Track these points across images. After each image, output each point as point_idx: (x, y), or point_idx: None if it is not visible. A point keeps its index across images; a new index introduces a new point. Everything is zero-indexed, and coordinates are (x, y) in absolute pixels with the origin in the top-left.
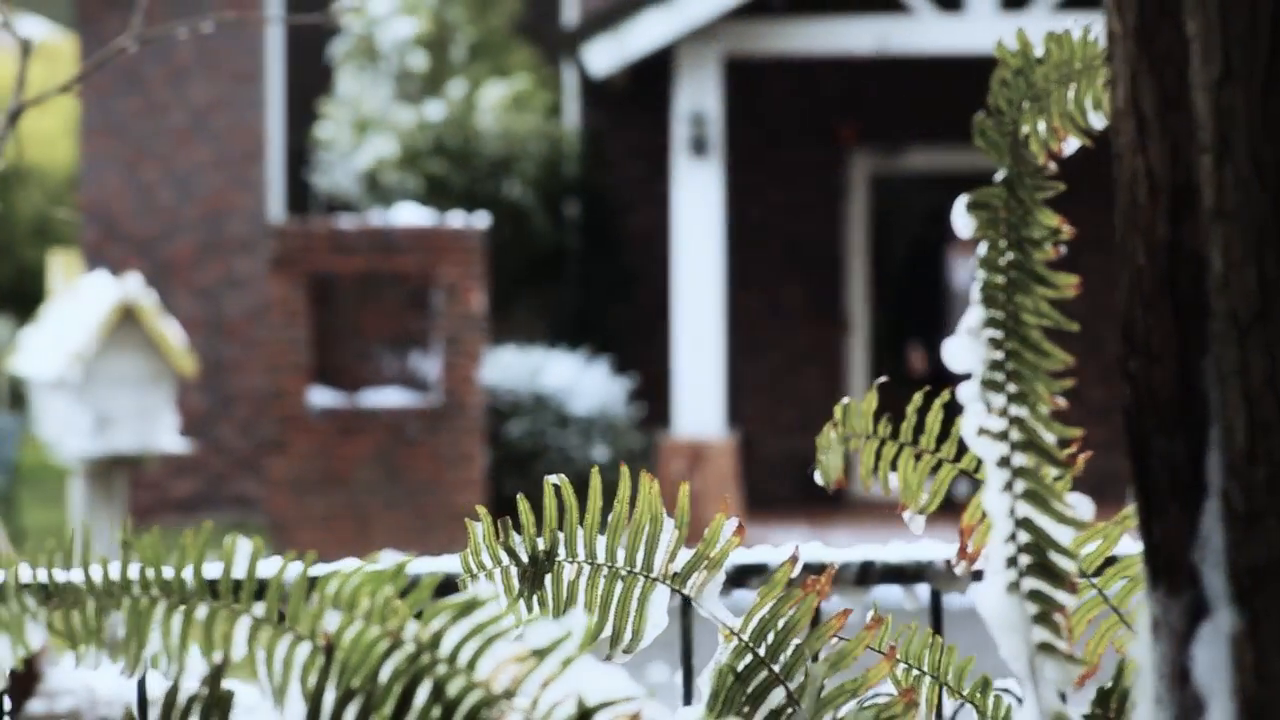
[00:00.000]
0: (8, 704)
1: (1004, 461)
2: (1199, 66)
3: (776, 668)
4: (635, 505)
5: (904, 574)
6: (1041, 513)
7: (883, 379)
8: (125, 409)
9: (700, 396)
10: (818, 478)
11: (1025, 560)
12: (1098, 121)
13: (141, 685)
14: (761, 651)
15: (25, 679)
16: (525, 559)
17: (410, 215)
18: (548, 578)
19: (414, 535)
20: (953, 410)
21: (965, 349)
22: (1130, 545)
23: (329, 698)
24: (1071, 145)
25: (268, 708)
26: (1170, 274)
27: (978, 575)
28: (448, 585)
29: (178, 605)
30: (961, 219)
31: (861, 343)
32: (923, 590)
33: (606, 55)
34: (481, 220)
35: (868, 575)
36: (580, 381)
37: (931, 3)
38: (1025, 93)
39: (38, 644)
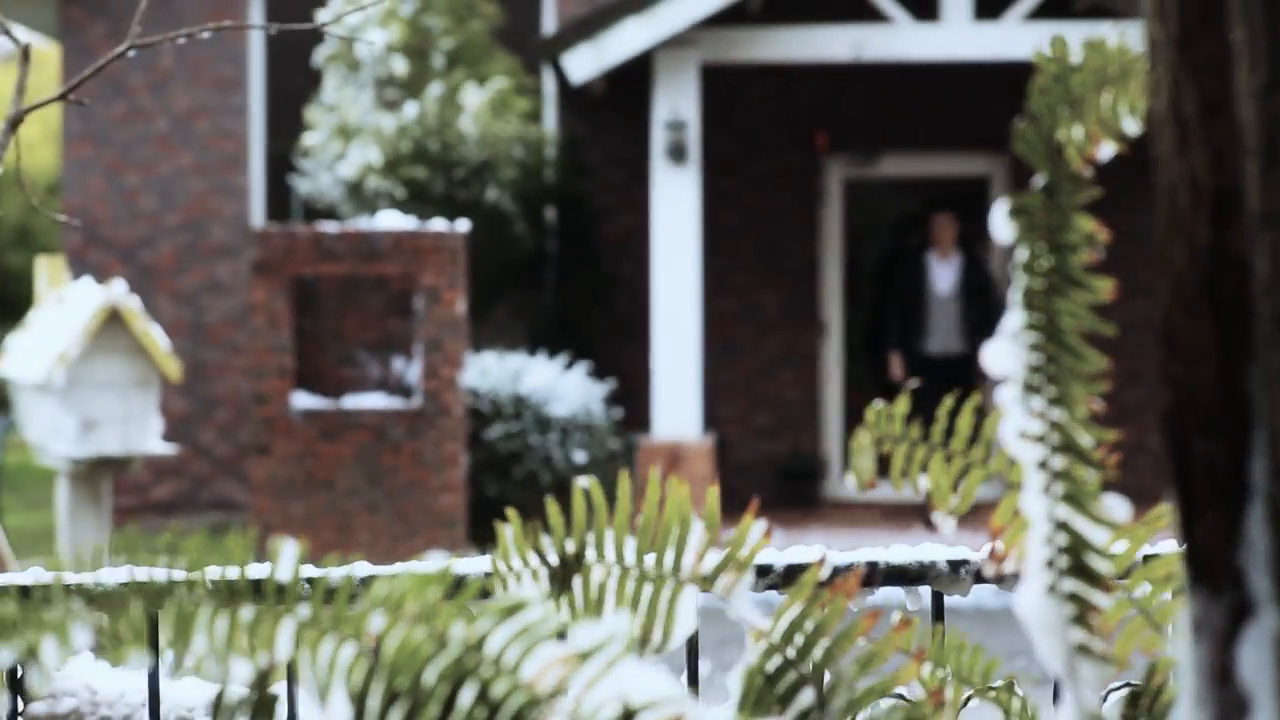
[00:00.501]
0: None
1: (1043, 464)
2: (1245, 73)
3: (806, 669)
4: (663, 508)
5: (907, 575)
6: (1079, 515)
7: (915, 384)
8: (110, 412)
9: (678, 399)
10: (850, 480)
11: (1063, 562)
12: (1132, 127)
13: (154, 685)
14: (791, 653)
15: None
16: (555, 561)
17: (392, 221)
18: (576, 580)
19: (396, 538)
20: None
21: (1006, 353)
22: (1153, 546)
23: (373, 699)
24: (1106, 151)
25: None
26: (1212, 278)
27: (1003, 579)
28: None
29: (224, 607)
30: (1001, 224)
31: (837, 346)
32: (924, 591)
33: (585, 62)
34: (462, 225)
35: (872, 576)
36: (559, 385)
37: (909, 12)
38: (1063, 99)
39: (84, 647)
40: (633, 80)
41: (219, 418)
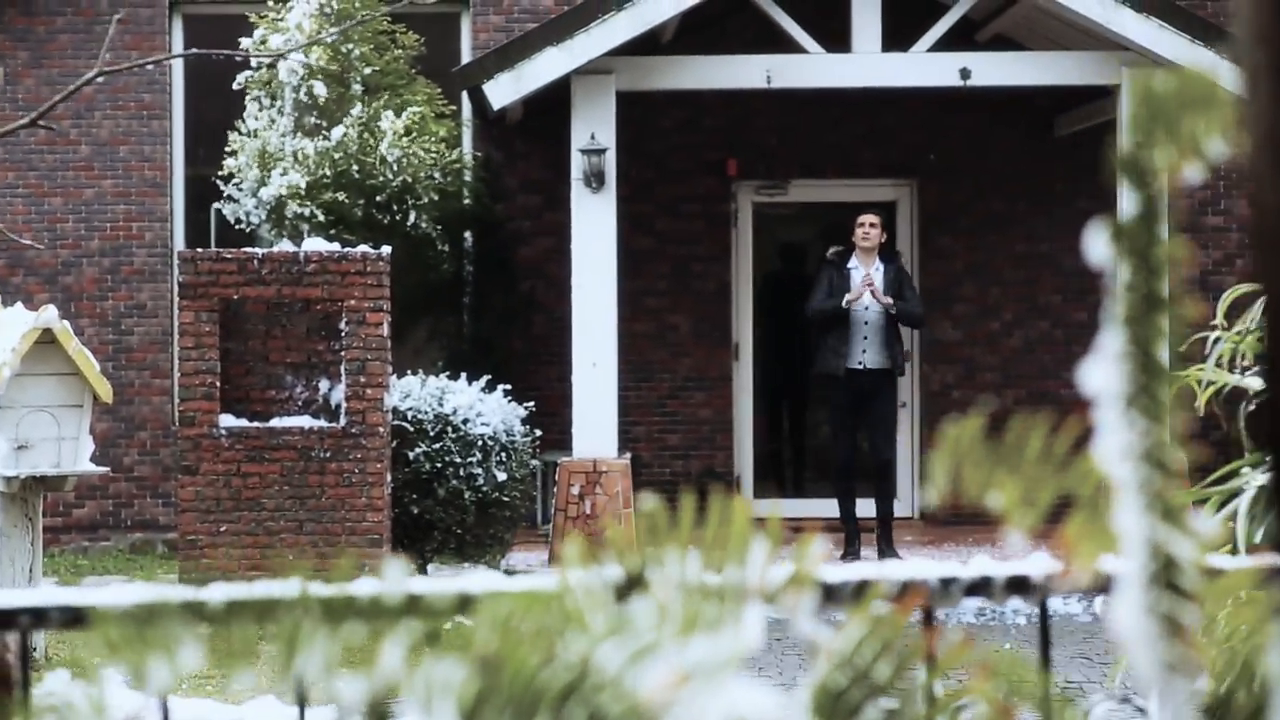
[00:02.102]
0: None
1: (1138, 483)
2: None
3: (873, 684)
4: (726, 524)
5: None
6: (1171, 532)
7: (986, 407)
8: (44, 433)
9: (596, 419)
10: (930, 496)
11: (1157, 579)
12: (1217, 152)
13: (164, 705)
14: (858, 669)
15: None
16: (618, 579)
17: (316, 247)
18: (640, 597)
19: (322, 556)
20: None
21: (1105, 373)
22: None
23: (485, 717)
24: (1193, 175)
25: None
26: None
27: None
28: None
29: (333, 625)
30: (1098, 247)
31: (748, 367)
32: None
33: (505, 89)
34: (385, 249)
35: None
36: (481, 406)
37: (820, 43)
38: (1154, 125)
39: (192, 666)
40: (548, 107)
41: (141, 439)
